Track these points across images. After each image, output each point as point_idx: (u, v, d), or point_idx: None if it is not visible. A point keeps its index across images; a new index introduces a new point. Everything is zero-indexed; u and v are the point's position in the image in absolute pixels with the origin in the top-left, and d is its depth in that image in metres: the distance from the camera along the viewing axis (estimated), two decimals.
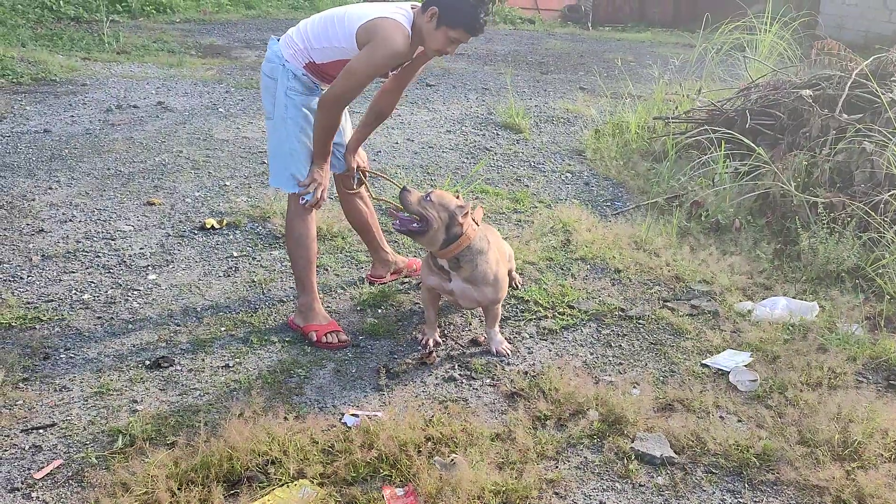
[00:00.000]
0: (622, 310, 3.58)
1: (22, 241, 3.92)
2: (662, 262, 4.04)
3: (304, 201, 3.13)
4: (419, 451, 2.48)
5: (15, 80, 7.00)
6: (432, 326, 3.20)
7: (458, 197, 3.05)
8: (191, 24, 11.09)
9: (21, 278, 3.57)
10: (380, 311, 3.48)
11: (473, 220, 3.01)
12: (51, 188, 4.61)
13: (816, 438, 2.63)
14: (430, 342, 3.17)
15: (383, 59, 2.91)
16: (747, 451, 2.59)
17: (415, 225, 2.92)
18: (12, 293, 3.42)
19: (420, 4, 3.04)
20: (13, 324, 3.18)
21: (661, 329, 3.44)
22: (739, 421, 2.78)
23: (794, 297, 3.69)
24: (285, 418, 2.63)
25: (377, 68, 2.95)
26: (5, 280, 3.54)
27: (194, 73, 7.92)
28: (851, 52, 5.58)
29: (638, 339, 3.35)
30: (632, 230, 4.41)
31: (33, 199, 4.42)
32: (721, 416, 2.79)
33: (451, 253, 2.95)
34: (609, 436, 2.65)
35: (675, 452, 2.59)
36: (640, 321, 3.49)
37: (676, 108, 6.16)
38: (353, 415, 2.71)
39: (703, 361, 3.17)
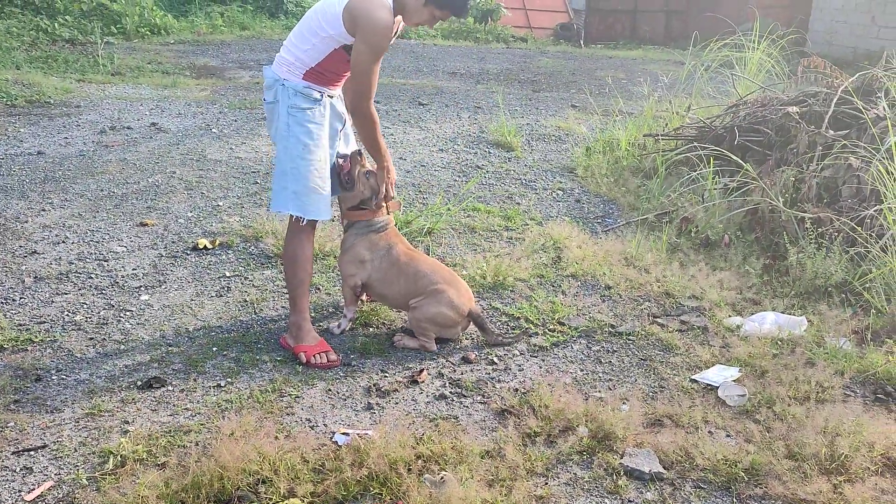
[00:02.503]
0: (612, 326, 3.61)
1: (15, 263, 3.93)
2: (652, 279, 4.07)
3: (303, 222, 3.16)
4: (409, 469, 2.49)
5: (9, 103, 7.04)
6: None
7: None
8: (185, 45, 11.18)
9: (13, 300, 3.58)
10: (370, 329, 3.50)
11: (388, 210, 3.44)
12: (44, 210, 4.63)
13: (804, 452, 2.65)
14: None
15: (379, 41, 2.98)
16: (735, 465, 2.60)
17: (347, 179, 3.34)
18: (4, 315, 3.43)
19: None
20: (5, 346, 3.19)
21: (650, 345, 3.46)
22: (728, 436, 2.80)
23: (782, 312, 3.72)
24: (276, 437, 2.64)
25: (378, 52, 3.02)
26: None
27: (188, 93, 7.98)
28: (837, 69, 5.65)
29: (628, 355, 3.37)
30: (622, 247, 4.44)
31: (26, 221, 4.44)
32: (710, 431, 2.81)
33: (351, 217, 3.41)
34: (598, 452, 2.67)
35: (664, 468, 2.60)
36: (630, 337, 3.52)
37: (666, 125, 6.22)
38: (343, 433, 2.72)
39: (693, 377, 3.19)
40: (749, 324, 3.59)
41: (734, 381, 3.13)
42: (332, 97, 3.20)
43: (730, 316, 3.71)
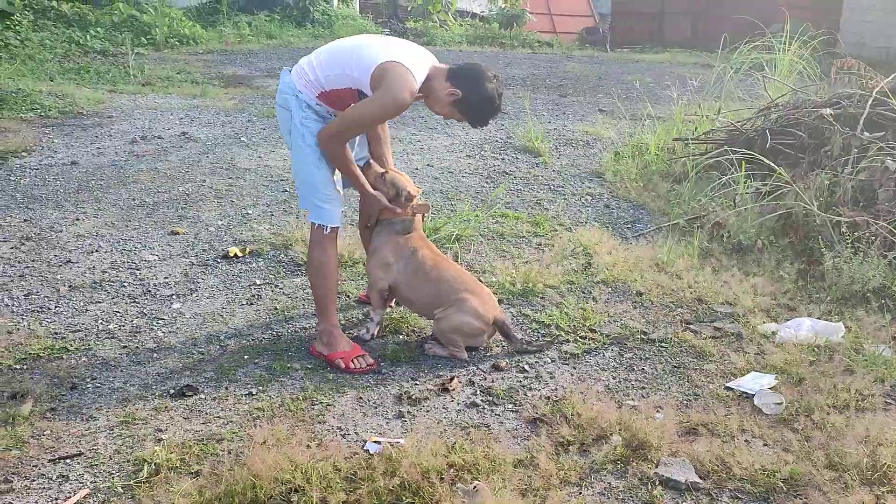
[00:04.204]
0: (644, 333, 3.57)
1: (50, 272, 3.98)
2: (684, 284, 4.02)
3: (327, 231, 3.17)
4: (442, 479, 2.47)
5: (43, 114, 7.15)
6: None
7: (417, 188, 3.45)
8: (213, 55, 11.30)
9: (49, 309, 3.62)
10: (400, 336, 3.49)
11: (415, 211, 3.39)
12: (78, 219, 4.69)
13: (844, 462, 2.60)
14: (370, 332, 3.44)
15: (387, 112, 3.03)
16: (774, 475, 2.56)
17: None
18: (40, 324, 3.47)
19: (441, 65, 3.16)
20: (41, 354, 3.23)
21: (683, 352, 3.41)
22: (765, 445, 2.75)
23: (819, 318, 3.66)
24: (308, 446, 2.64)
25: (380, 118, 3.08)
26: (34, 311, 3.60)
27: (217, 102, 8.06)
28: (872, 70, 5.56)
29: (661, 363, 3.33)
30: (653, 252, 4.39)
31: (61, 231, 4.50)
32: (746, 440, 2.76)
33: (380, 215, 3.37)
34: (633, 461, 2.63)
35: (700, 478, 2.56)
36: (663, 344, 3.47)
37: (696, 128, 6.15)
38: (375, 442, 2.71)
39: (728, 384, 3.14)
40: (784, 330, 3.53)
41: (770, 388, 3.07)
42: None
43: (764, 322, 3.65)
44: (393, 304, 3.64)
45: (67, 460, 2.59)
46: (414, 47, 3.15)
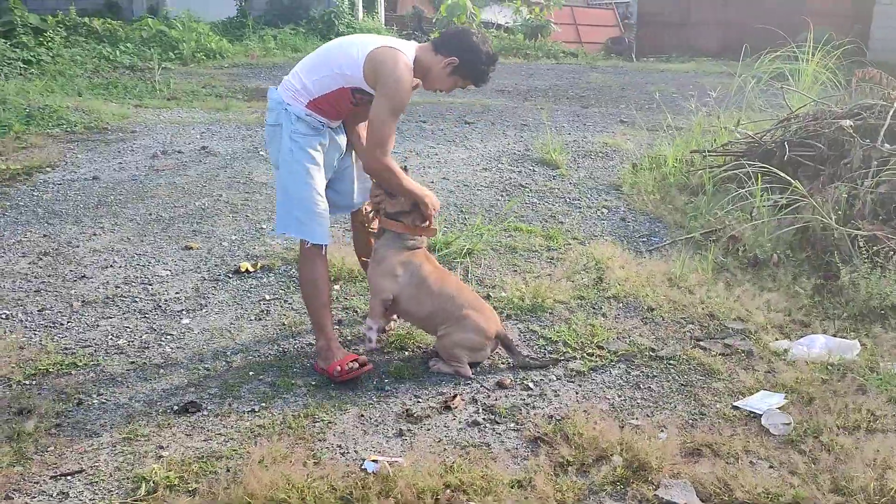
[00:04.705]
0: (653, 350, 3.52)
1: (64, 288, 4.05)
2: (696, 300, 3.96)
3: (308, 244, 3.20)
4: (437, 500, 2.46)
5: (69, 129, 7.30)
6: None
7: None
8: (239, 69, 11.45)
9: (61, 324, 3.68)
10: (406, 353, 3.48)
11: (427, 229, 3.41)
12: (95, 234, 4.77)
13: (851, 486, 2.53)
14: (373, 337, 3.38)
15: (401, 99, 3.05)
16: (778, 499, 2.50)
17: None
18: (52, 339, 3.52)
19: (423, 44, 3.23)
20: (50, 370, 3.27)
21: (692, 370, 3.36)
22: (770, 467, 2.68)
23: (834, 335, 3.58)
24: (305, 464, 2.64)
25: (398, 109, 3.08)
26: (46, 326, 3.65)
27: (239, 116, 8.15)
28: (894, 80, 5.45)
29: (668, 381, 3.27)
30: (666, 266, 4.34)
31: (77, 246, 4.58)
32: (751, 462, 2.71)
33: (386, 225, 3.35)
34: (632, 483, 2.59)
35: (701, 500, 2.51)
36: (671, 362, 3.42)
37: (714, 140, 6.08)
38: (373, 461, 2.70)
39: (735, 403, 3.08)
40: (797, 347, 3.46)
41: (779, 408, 3.01)
42: (332, 129, 3.24)
43: (777, 339, 3.58)
44: (395, 318, 3.63)
45: (68, 477, 2.61)
46: (397, 40, 3.23)
